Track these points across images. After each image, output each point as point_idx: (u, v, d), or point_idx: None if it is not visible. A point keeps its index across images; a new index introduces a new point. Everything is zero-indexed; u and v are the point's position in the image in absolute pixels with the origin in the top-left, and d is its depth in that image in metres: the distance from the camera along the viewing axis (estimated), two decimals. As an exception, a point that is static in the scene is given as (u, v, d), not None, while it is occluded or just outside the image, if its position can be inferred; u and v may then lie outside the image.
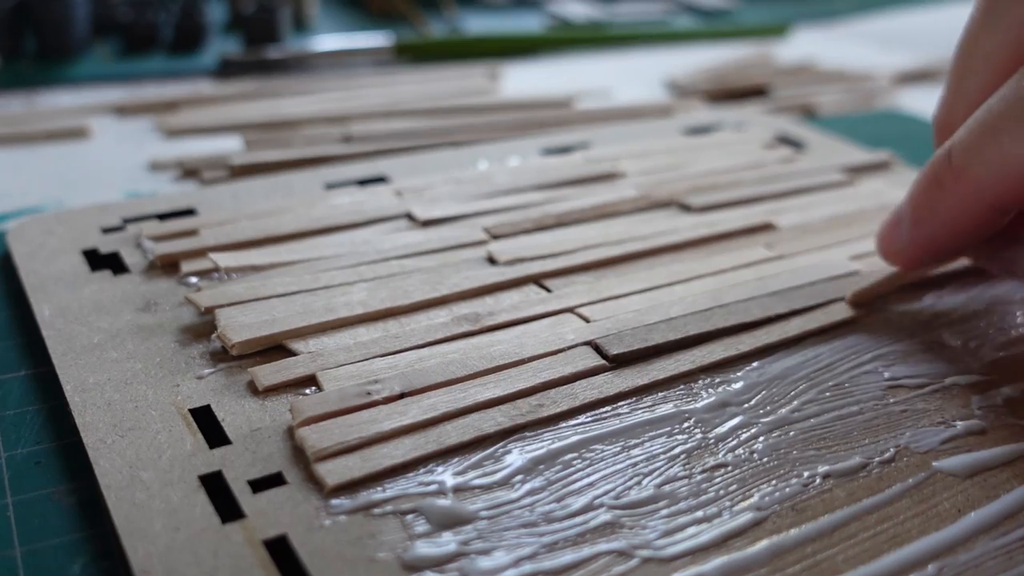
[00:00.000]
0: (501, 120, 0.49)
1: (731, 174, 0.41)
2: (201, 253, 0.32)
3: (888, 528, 0.22)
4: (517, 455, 0.24)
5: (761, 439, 0.25)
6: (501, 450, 0.24)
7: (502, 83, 0.57)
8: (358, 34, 0.64)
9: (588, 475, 0.24)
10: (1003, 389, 0.28)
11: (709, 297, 0.31)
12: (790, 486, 0.23)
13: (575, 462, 0.24)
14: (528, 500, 0.23)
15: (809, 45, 0.70)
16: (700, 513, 0.23)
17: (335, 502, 0.22)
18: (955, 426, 0.26)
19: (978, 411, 0.27)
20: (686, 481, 0.24)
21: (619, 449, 0.24)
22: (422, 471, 0.23)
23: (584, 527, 0.22)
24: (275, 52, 0.58)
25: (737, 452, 0.25)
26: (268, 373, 0.26)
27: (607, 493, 0.23)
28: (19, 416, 0.26)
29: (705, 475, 0.24)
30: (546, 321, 0.30)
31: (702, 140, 0.45)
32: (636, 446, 0.25)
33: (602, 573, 0.21)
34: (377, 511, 0.22)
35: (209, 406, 0.25)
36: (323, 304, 0.30)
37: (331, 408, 0.25)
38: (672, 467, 0.24)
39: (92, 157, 0.44)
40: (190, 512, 0.22)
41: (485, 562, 0.21)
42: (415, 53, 0.60)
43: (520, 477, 0.23)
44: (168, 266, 0.32)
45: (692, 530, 0.22)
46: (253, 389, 0.26)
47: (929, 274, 0.32)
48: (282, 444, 0.24)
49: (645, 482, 0.23)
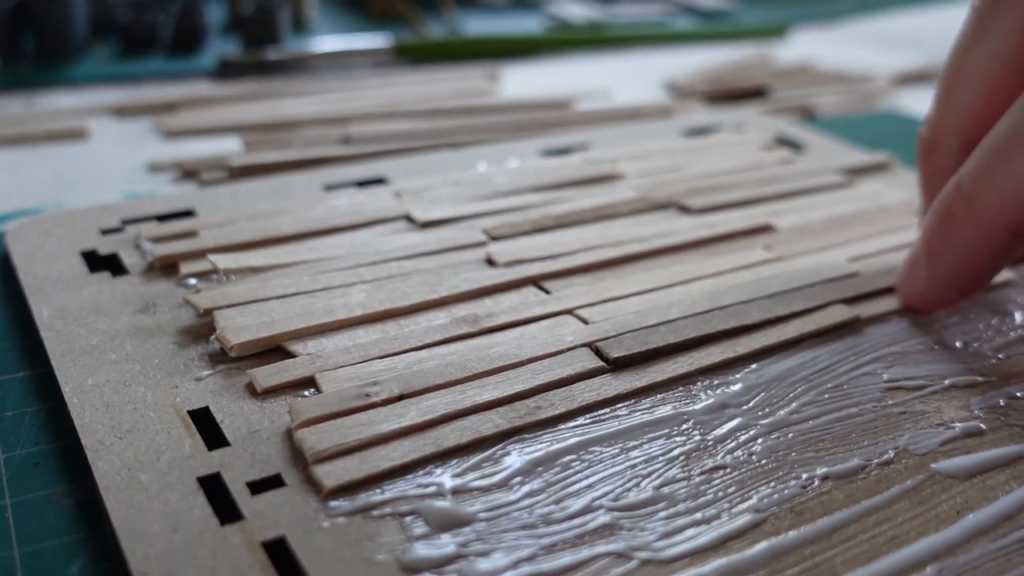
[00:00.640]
0: (500, 121, 0.49)
1: (730, 175, 0.41)
2: (200, 254, 0.32)
3: (887, 530, 0.22)
4: (516, 457, 0.24)
5: (760, 441, 0.25)
6: (500, 452, 0.24)
7: (501, 84, 0.57)
8: (357, 35, 0.64)
9: (587, 477, 0.24)
10: (1002, 390, 0.28)
11: (708, 299, 0.31)
12: (789, 488, 0.23)
13: (574, 464, 0.24)
14: (527, 502, 0.23)
15: (808, 46, 0.70)
16: (699, 515, 0.23)
17: (334, 504, 0.22)
18: (954, 428, 0.26)
19: (977, 413, 0.27)
20: (685, 483, 0.24)
21: (618, 451, 0.24)
22: (421, 473, 0.23)
23: (583, 529, 0.22)
24: (274, 53, 0.58)
25: (736, 454, 0.25)
26: (267, 375, 0.26)
27: (606, 495, 0.23)
28: (18, 417, 0.26)
29: (704, 477, 0.24)
30: (545, 323, 0.30)
31: (701, 142, 0.46)
32: (635, 448, 0.25)
33: (601, 575, 0.21)
34: (376, 513, 0.22)
35: (208, 408, 0.25)
36: (322, 306, 0.30)
37: (330, 410, 0.25)
38: (671, 469, 0.24)
39: (91, 158, 0.44)
40: (189, 514, 0.22)
41: (484, 564, 0.21)
42: (414, 54, 0.60)
43: (519, 479, 0.23)
44: (167, 267, 0.32)
45: (691, 532, 0.22)
46: (252, 391, 0.26)
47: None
48: (281, 446, 0.24)
49: (644, 484, 0.23)
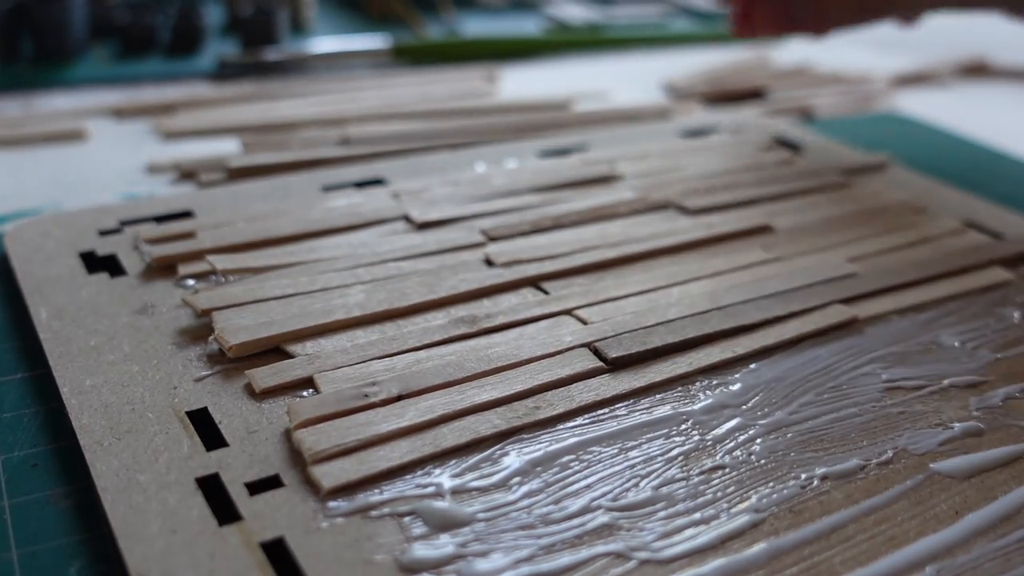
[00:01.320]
0: (499, 123, 0.49)
1: (728, 176, 0.41)
2: (198, 255, 0.32)
3: (886, 530, 0.22)
4: (515, 457, 0.24)
5: (759, 441, 0.25)
6: (499, 452, 0.24)
7: (500, 85, 0.57)
8: (356, 36, 0.64)
9: (585, 477, 0.23)
10: (1000, 390, 0.28)
11: (707, 299, 0.31)
12: (788, 488, 0.23)
13: (572, 464, 0.24)
14: (526, 502, 0.23)
15: (806, 48, 0.70)
16: (698, 515, 0.23)
17: (332, 504, 0.22)
18: (953, 428, 0.26)
19: (976, 412, 0.27)
20: (684, 483, 0.24)
21: (617, 451, 0.24)
22: (419, 473, 0.23)
23: (582, 529, 0.22)
24: (273, 54, 0.58)
25: (735, 454, 0.25)
26: (265, 375, 0.26)
27: (605, 495, 0.23)
28: (16, 419, 0.26)
29: (703, 477, 0.24)
30: (543, 323, 0.30)
31: (699, 142, 0.46)
32: (634, 448, 0.25)
33: (600, 575, 0.21)
34: (374, 513, 0.22)
35: (206, 408, 0.25)
36: (320, 306, 0.30)
37: (328, 410, 0.25)
38: (670, 469, 0.24)
39: (89, 159, 0.44)
40: (187, 514, 0.22)
41: (483, 564, 0.21)
42: (413, 55, 0.60)
43: (518, 479, 0.23)
44: (165, 268, 0.32)
45: (690, 532, 0.22)
46: (250, 391, 0.26)
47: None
48: (279, 446, 0.24)
49: (643, 484, 0.23)
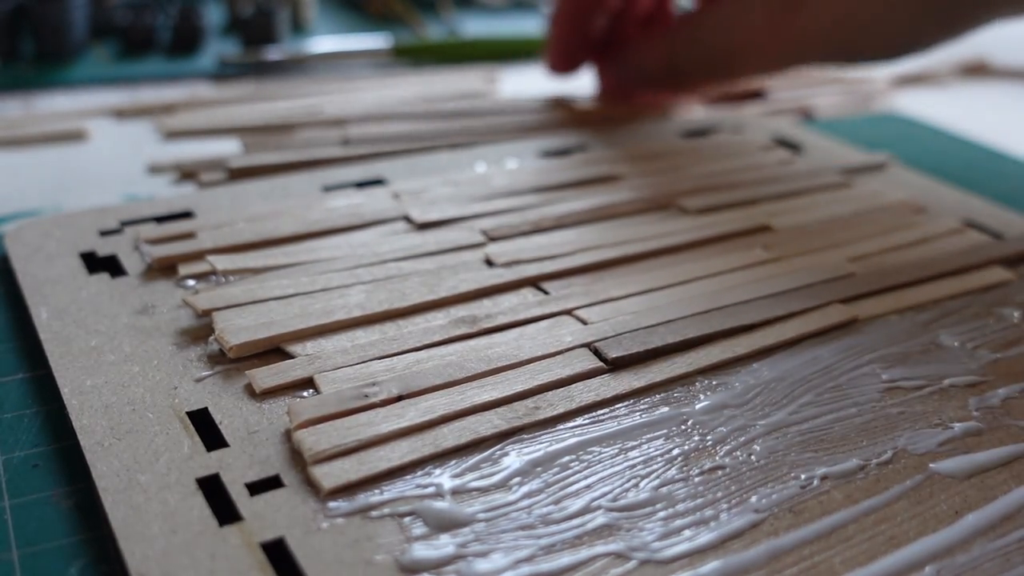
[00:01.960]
0: (499, 122, 0.49)
1: (729, 176, 0.41)
2: (199, 256, 0.32)
3: (886, 530, 0.23)
4: (515, 457, 0.24)
5: (759, 441, 0.25)
6: (499, 452, 0.24)
7: (500, 86, 0.57)
8: (356, 36, 0.64)
9: (585, 477, 0.24)
10: (1000, 390, 0.28)
11: (707, 299, 0.31)
12: (788, 488, 0.23)
13: (572, 464, 0.24)
14: (526, 502, 0.23)
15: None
16: (698, 515, 0.23)
17: (333, 505, 0.22)
18: (952, 427, 0.26)
19: (975, 412, 0.27)
20: (684, 483, 0.24)
21: (616, 451, 0.24)
22: (419, 473, 0.23)
23: (581, 529, 0.22)
24: (273, 54, 0.58)
25: (735, 454, 0.25)
26: (266, 376, 0.26)
27: (605, 495, 0.23)
28: (16, 419, 0.26)
29: (703, 477, 0.24)
30: (544, 323, 0.30)
31: (700, 142, 0.46)
32: (633, 448, 0.25)
33: (599, 575, 0.21)
34: (375, 514, 0.22)
35: (207, 409, 0.25)
36: (321, 306, 0.30)
37: (329, 411, 0.25)
38: (670, 469, 0.24)
39: (90, 160, 0.44)
40: (187, 515, 0.22)
41: (483, 564, 0.21)
42: (413, 55, 0.60)
43: (518, 479, 0.23)
44: (166, 269, 0.32)
45: (689, 532, 0.22)
46: (251, 392, 0.26)
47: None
48: (280, 447, 0.24)
49: (643, 484, 0.23)
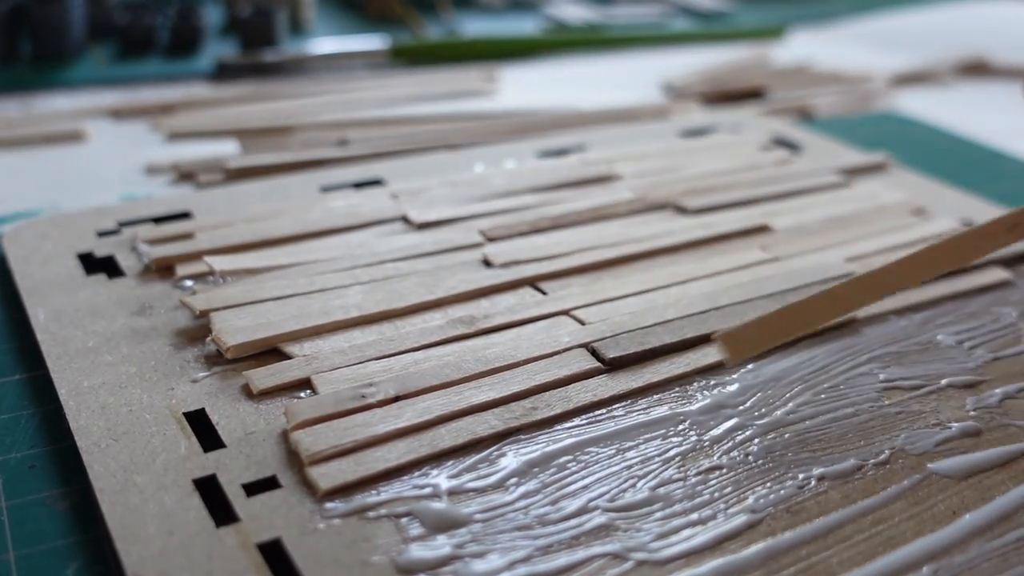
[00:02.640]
0: (497, 123, 0.49)
1: (727, 176, 0.41)
2: (196, 256, 0.32)
3: (883, 530, 0.22)
4: (512, 458, 0.24)
5: (756, 441, 0.25)
6: (496, 453, 0.24)
7: (499, 85, 0.57)
8: (354, 37, 0.64)
9: (583, 478, 0.23)
10: (998, 390, 0.28)
11: (705, 299, 0.31)
12: (785, 488, 0.23)
13: (570, 465, 0.24)
14: (522, 503, 0.23)
15: (806, 47, 0.70)
16: (695, 515, 0.23)
17: (329, 505, 0.22)
18: (950, 428, 0.26)
19: (973, 412, 0.27)
20: (681, 483, 0.24)
21: (614, 452, 0.24)
22: (416, 474, 0.23)
23: (579, 530, 0.22)
24: (271, 55, 0.58)
25: (732, 454, 0.25)
26: (263, 376, 0.26)
27: (602, 496, 0.23)
28: (13, 420, 0.26)
29: (700, 477, 0.24)
30: (541, 324, 0.30)
31: (698, 142, 0.45)
32: (631, 448, 0.25)
33: (596, 575, 0.21)
34: (371, 514, 0.22)
35: (204, 409, 0.25)
36: (318, 307, 0.30)
37: (326, 411, 0.25)
38: (667, 469, 0.24)
39: (88, 160, 0.44)
40: (184, 516, 0.22)
41: (479, 565, 0.21)
42: (412, 56, 0.60)
43: (514, 480, 0.23)
44: (163, 269, 0.32)
45: (687, 532, 0.22)
46: (248, 392, 0.26)
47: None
48: (276, 447, 0.24)
49: (640, 484, 0.23)
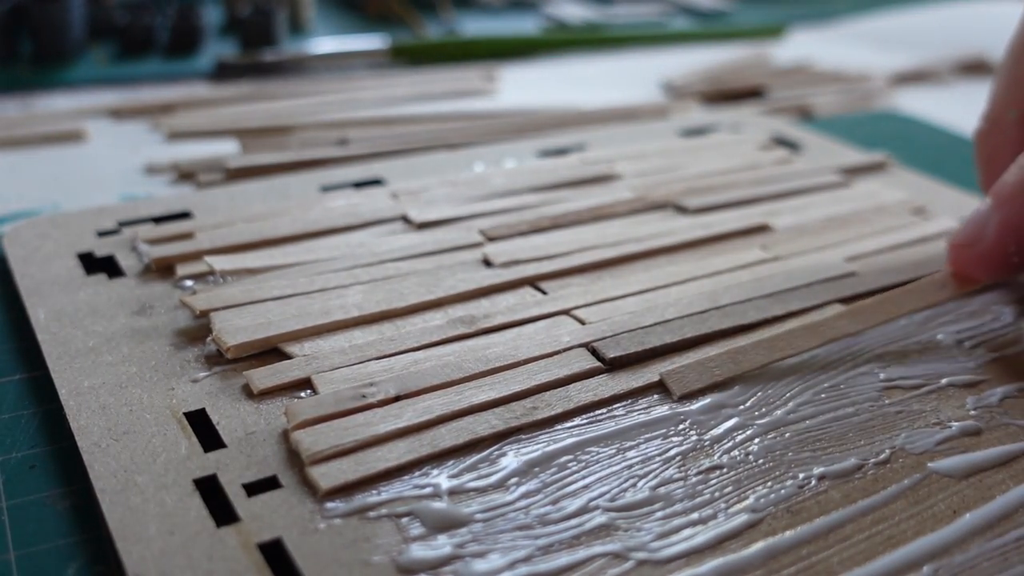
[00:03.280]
0: (497, 123, 0.49)
1: (727, 176, 0.41)
2: (197, 256, 0.32)
3: (883, 529, 0.22)
4: (512, 457, 0.24)
5: (756, 441, 0.25)
6: (496, 453, 0.24)
7: (499, 85, 0.57)
8: (354, 37, 0.64)
9: (583, 477, 0.23)
10: (998, 389, 0.28)
11: (705, 299, 0.31)
12: (785, 488, 0.23)
13: (570, 464, 0.24)
14: (523, 502, 0.23)
15: (805, 46, 0.70)
16: (695, 515, 0.23)
17: (330, 505, 0.22)
18: (950, 427, 0.26)
19: (973, 412, 0.27)
20: (681, 483, 0.24)
21: (614, 451, 0.24)
22: (417, 474, 0.23)
23: (579, 529, 0.22)
24: (271, 55, 0.58)
25: (732, 454, 0.25)
26: (263, 376, 0.26)
27: (602, 495, 0.23)
28: (14, 420, 0.26)
29: (700, 477, 0.24)
30: (542, 323, 0.30)
31: (698, 142, 0.46)
32: (631, 448, 0.25)
33: (597, 575, 0.21)
34: (372, 514, 0.22)
35: (204, 409, 0.25)
36: (318, 307, 0.30)
37: (326, 411, 0.25)
38: (667, 469, 0.24)
39: (88, 160, 0.44)
40: (185, 516, 0.22)
41: (480, 565, 0.21)
42: (411, 55, 0.60)
43: (515, 479, 0.23)
44: (163, 269, 0.32)
45: (687, 532, 0.22)
46: (248, 392, 0.26)
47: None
48: (277, 447, 0.24)
49: (640, 484, 0.23)
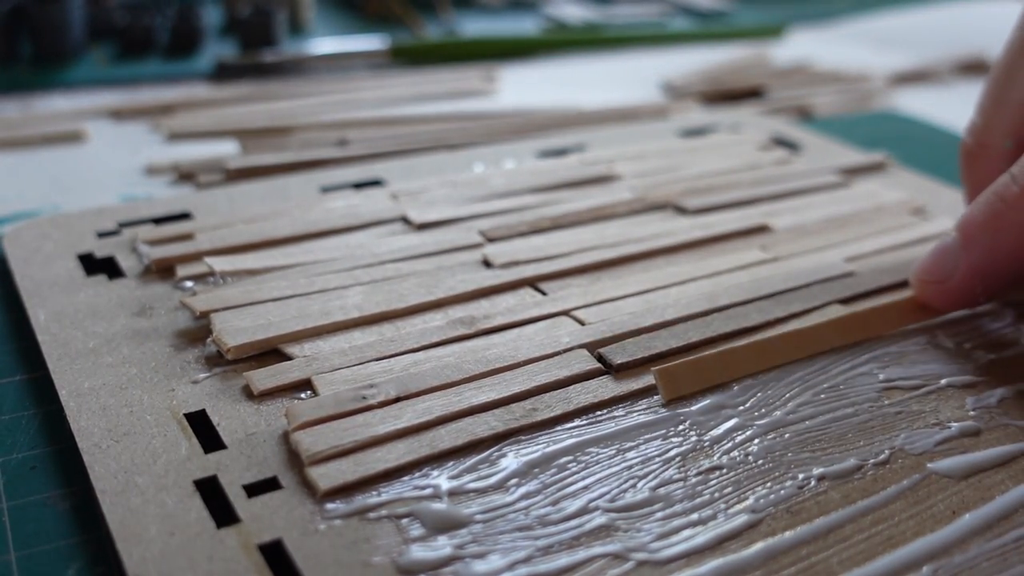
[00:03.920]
0: (497, 123, 0.49)
1: (726, 176, 0.41)
2: (197, 257, 0.32)
3: (883, 530, 0.23)
4: (512, 458, 0.24)
5: (756, 441, 0.25)
6: (496, 454, 0.24)
7: (499, 85, 0.57)
8: (354, 37, 0.64)
9: (583, 478, 0.24)
10: (998, 390, 0.28)
11: (705, 299, 0.31)
12: (785, 488, 0.24)
13: (570, 465, 0.24)
14: (523, 503, 0.23)
15: (805, 46, 0.70)
16: (695, 516, 0.23)
17: (330, 506, 0.22)
18: (950, 427, 0.26)
19: (973, 412, 0.27)
20: (681, 484, 0.24)
21: (614, 452, 0.24)
22: (417, 475, 0.23)
23: (579, 530, 0.22)
24: (271, 55, 0.58)
25: (732, 454, 0.25)
26: (263, 377, 0.26)
27: (602, 496, 0.23)
28: (15, 421, 0.26)
29: (700, 478, 0.24)
30: (541, 324, 0.30)
31: (697, 142, 0.46)
32: (631, 449, 0.25)
33: (597, 576, 0.21)
34: (372, 515, 0.22)
35: (204, 410, 0.25)
36: (318, 308, 0.30)
37: (326, 412, 0.25)
38: (667, 470, 0.24)
39: (88, 161, 0.44)
40: (185, 517, 0.22)
41: (480, 566, 0.21)
42: (411, 56, 0.60)
43: (515, 480, 0.23)
44: (164, 270, 0.32)
45: (687, 533, 0.22)
46: (248, 393, 0.26)
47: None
48: (277, 448, 0.24)
49: (640, 485, 0.23)
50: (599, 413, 0.26)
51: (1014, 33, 0.31)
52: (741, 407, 0.26)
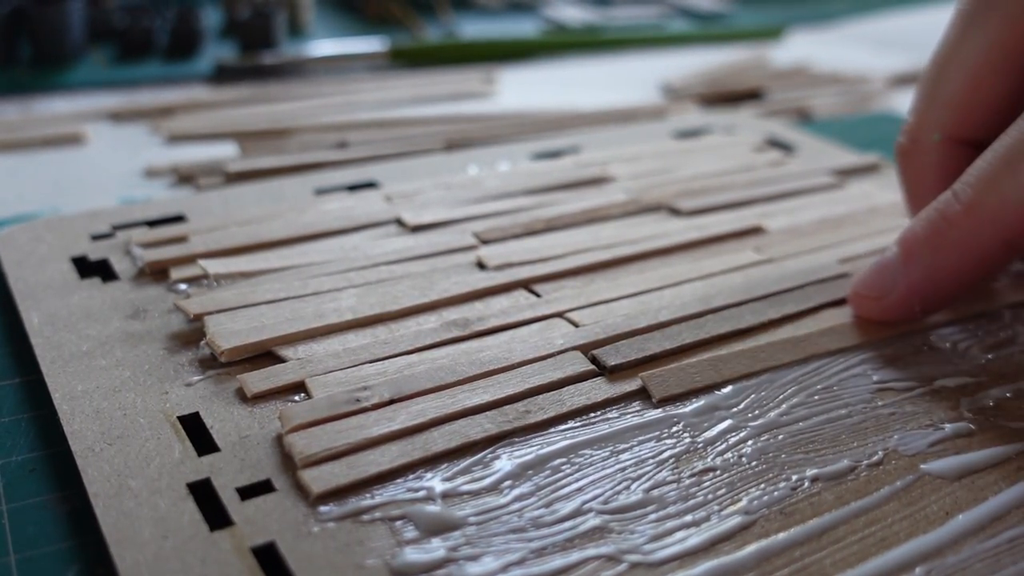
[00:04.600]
0: (495, 125, 0.49)
1: (721, 178, 0.41)
2: (191, 259, 0.32)
3: (876, 531, 0.23)
4: (506, 460, 0.24)
5: (750, 443, 0.25)
6: (490, 456, 0.24)
7: (498, 87, 0.57)
8: (353, 39, 0.64)
9: (577, 480, 0.24)
10: (991, 391, 0.28)
11: (699, 301, 0.31)
12: (778, 490, 0.24)
13: (564, 467, 0.24)
14: (517, 505, 0.23)
15: (804, 48, 0.70)
16: (689, 517, 0.23)
17: (324, 509, 0.22)
18: (943, 428, 0.26)
19: (966, 413, 0.27)
20: (675, 485, 0.24)
21: (608, 454, 0.24)
22: (410, 477, 0.23)
23: (573, 532, 0.22)
24: (270, 58, 0.58)
25: (726, 456, 0.25)
26: (257, 380, 0.26)
27: (596, 498, 0.23)
28: (13, 423, 0.26)
29: (694, 479, 0.24)
30: (535, 326, 0.30)
31: (692, 144, 0.46)
32: (625, 451, 0.25)
33: (589, 578, 0.21)
34: (366, 517, 0.22)
35: (198, 413, 0.25)
36: (312, 310, 0.30)
37: (320, 415, 0.25)
38: (661, 471, 0.24)
39: (88, 163, 0.44)
40: (178, 520, 0.22)
41: (474, 568, 0.21)
42: (410, 58, 0.60)
43: (509, 482, 0.23)
44: (157, 273, 0.32)
45: (680, 534, 0.22)
46: (242, 396, 0.26)
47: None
48: (271, 451, 0.24)
49: (634, 487, 0.23)
50: (593, 415, 0.26)
51: (945, 34, 0.31)
52: (735, 408, 0.26)
